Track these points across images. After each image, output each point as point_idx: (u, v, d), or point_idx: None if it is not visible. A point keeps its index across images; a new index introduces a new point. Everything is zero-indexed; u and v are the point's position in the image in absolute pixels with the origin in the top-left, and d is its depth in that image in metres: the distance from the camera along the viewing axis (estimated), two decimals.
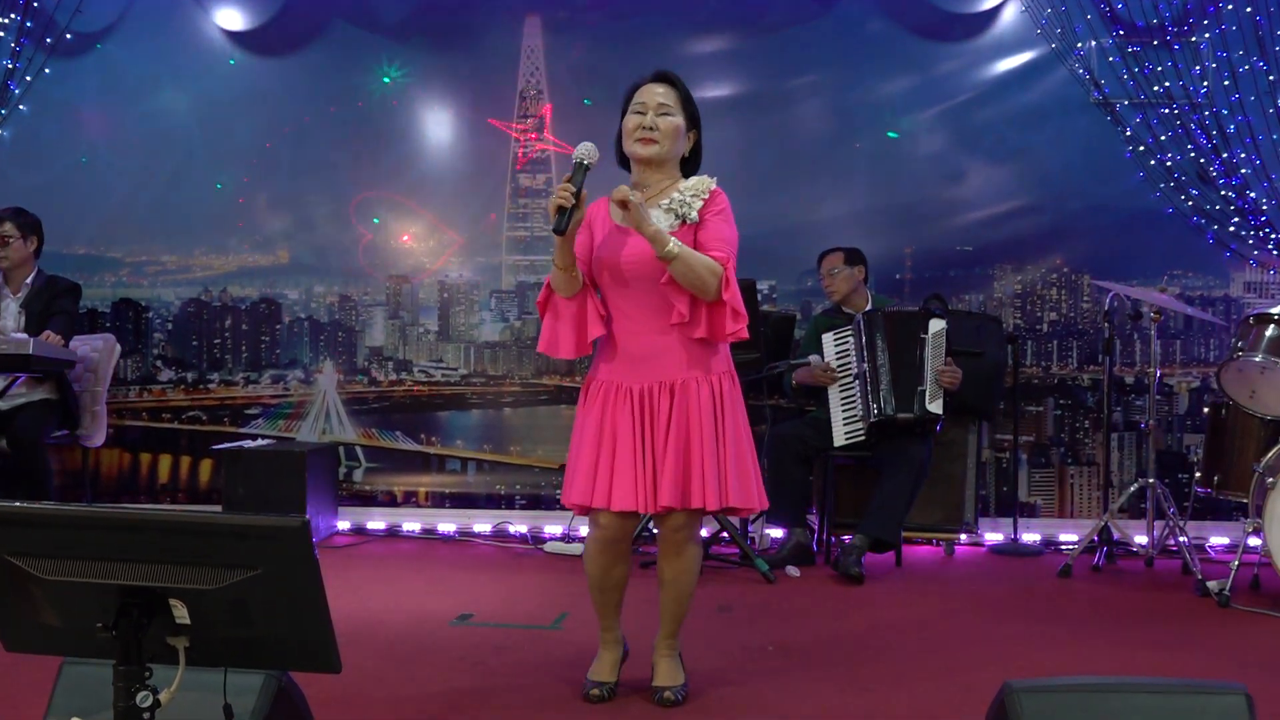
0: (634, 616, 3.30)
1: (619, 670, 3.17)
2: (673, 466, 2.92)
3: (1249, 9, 5.44)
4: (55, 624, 1.82)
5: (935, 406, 4.80)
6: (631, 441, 2.94)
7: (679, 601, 3.13)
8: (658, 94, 3.01)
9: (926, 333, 4.83)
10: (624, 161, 3.11)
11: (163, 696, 1.76)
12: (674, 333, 2.98)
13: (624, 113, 3.07)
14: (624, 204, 2.88)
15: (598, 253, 3.01)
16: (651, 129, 2.98)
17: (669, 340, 2.98)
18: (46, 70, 5.88)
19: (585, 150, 2.93)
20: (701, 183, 3.02)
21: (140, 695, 1.75)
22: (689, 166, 3.12)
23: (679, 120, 3.02)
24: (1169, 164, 5.51)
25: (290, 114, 5.96)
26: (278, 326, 6.06)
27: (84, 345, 5.24)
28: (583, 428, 3.02)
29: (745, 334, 2.95)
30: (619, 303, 3.01)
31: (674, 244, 2.87)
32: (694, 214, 2.96)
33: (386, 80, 5.95)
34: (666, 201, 3.00)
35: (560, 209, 2.84)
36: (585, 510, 3.03)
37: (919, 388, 4.79)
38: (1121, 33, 5.49)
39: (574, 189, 2.85)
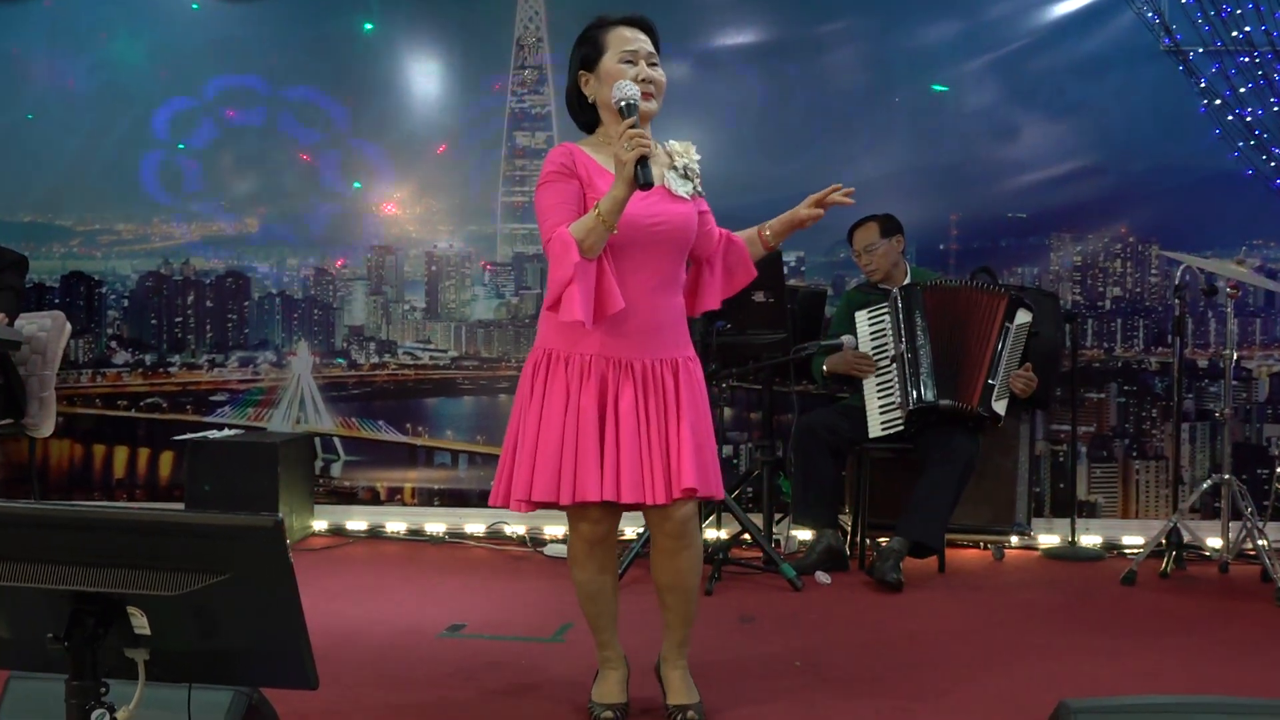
0: (625, 630, 3.32)
1: (627, 689, 3.17)
2: (690, 449, 2.92)
3: None
4: (0, 634, 1.83)
5: (1000, 406, 4.80)
6: (635, 425, 2.91)
7: (689, 602, 3.13)
8: (644, 43, 3.00)
9: (1011, 322, 4.83)
10: (586, 122, 3.10)
11: (120, 715, 1.78)
12: (678, 306, 3.03)
13: (589, 59, 3.01)
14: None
15: (627, 211, 2.88)
16: (649, 82, 2.96)
17: (675, 314, 3.02)
18: None
19: (632, 91, 2.89)
20: (689, 148, 3.05)
21: (96, 713, 1.76)
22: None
23: (663, 72, 3.03)
24: (1249, 119, 5.48)
25: (260, 66, 5.96)
26: (246, 303, 6.07)
27: (30, 324, 5.26)
28: (563, 410, 2.91)
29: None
30: (634, 268, 2.95)
31: None
32: (700, 184, 3.04)
33: (369, 27, 5.94)
34: (679, 167, 3.01)
35: (643, 159, 2.75)
36: (543, 507, 2.97)
37: (988, 381, 4.78)
38: None
39: (647, 133, 2.81)
